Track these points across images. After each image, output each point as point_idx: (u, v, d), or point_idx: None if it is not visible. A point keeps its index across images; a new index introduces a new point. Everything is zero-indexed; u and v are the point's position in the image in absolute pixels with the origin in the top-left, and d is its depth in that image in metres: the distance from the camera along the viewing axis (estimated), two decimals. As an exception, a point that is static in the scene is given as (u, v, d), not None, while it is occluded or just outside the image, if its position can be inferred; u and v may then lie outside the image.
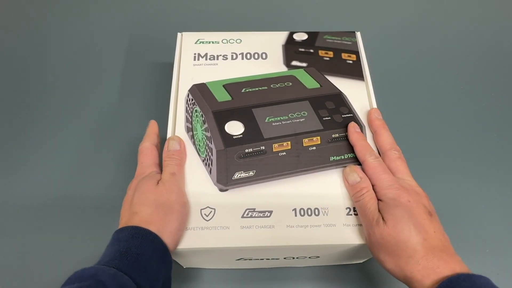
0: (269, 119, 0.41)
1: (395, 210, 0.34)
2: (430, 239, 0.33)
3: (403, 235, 0.33)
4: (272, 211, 0.39)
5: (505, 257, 0.50)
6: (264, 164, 0.39)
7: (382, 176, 0.37)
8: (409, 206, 0.35)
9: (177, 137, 0.42)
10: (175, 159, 0.40)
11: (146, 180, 0.37)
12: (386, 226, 0.34)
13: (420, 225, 0.34)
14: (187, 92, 0.44)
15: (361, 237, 0.38)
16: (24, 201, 0.52)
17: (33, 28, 0.69)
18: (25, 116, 0.60)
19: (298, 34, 0.51)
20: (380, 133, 0.41)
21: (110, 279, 0.29)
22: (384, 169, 0.38)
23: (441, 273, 0.32)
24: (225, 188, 0.39)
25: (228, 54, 0.49)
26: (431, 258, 0.32)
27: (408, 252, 0.33)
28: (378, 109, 0.44)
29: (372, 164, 0.38)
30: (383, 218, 0.35)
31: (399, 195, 0.35)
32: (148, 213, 0.35)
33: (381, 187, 0.37)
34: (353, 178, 0.39)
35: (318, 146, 0.41)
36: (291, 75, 0.46)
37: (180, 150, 0.41)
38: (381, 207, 0.36)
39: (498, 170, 0.57)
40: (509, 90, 0.65)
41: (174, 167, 0.39)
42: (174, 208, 0.36)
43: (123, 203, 0.38)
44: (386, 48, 0.69)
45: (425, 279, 0.32)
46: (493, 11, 0.74)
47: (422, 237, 0.33)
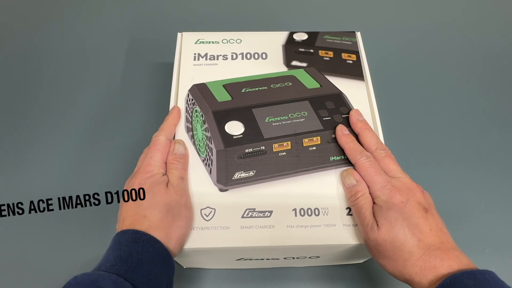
0: (269, 119, 0.41)
1: (388, 214, 0.34)
2: (426, 238, 0.33)
3: (398, 240, 0.33)
4: (272, 211, 0.39)
5: (505, 257, 0.50)
6: (264, 164, 0.39)
7: (374, 178, 0.37)
8: (402, 207, 0.34)
9: (181, 140, 0.42)
10: (182, 163, 0.40)
11: (156, 184, 0.36)
12: (380, 231, 0.34)
13: (414, 226, 0.34)
14: (187, 92, 0.44)
15: (361, 237, 0.38)
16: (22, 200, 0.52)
17: (33, 28, 0.69)
18: (24, 116, 0.60)
19: (298, 34, 0.51)
20: (363, 135, 0.41)
21: (111, 286, 0.29)
22: (376, 169, 0.38)
23: (438, 272, 0.32)
24: (225, 188, 0.39)
25: (228, 54, 0.49)
26: (427, 259, 0.32)
27: (404, 255, 0.33)
28: (358, 110, 0.43)
29: (364, 165, 0.38)
30: (377, 223, 0.35)
31: (392, 197, 0.35)
32: (158, 218, 0.34)
33: (374, 188, 0.37)
34: (349, 182, 0.38)
35: (318, 146, 0.41)
36: (291, 75, 0.46)
37: (185, 154, 0.41)
38: (375, 211, 0.36)
39: (498, 170, 0.57)
40: (509, 90, 0.65)
41: (182, 172, 0.39)
42: (182, 213, 0.36)
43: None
44: (386, 48, 0.69)
45: (423, 280, 0.32)
46: (493, 11, 0.74)
47: (417, 238, 0.33)
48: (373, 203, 0.36)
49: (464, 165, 0.57)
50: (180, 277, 0.47)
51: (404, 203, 0.35)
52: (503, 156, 0.58)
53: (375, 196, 0.36)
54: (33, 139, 0.58)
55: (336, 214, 0.39)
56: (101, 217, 0.50)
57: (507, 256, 0.50)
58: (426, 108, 0.62)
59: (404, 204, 0.34)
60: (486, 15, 0.74)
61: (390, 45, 0.69)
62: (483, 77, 0.66)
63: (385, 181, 0.36)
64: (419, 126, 0.60)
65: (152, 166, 0.38)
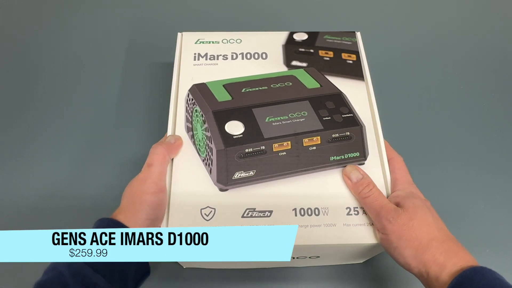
0: (269, 119, 0.41)
1: (414, 200, 0.36)
2: (446, 230, 0.35)
3: (426, 220, 0.35)
4: (272, 211, 0.39)
5: (505, 257, 0.50)
6: (264, 164, 0.39)
7: (407, 174, 0.40)
8: (425, 201, 0.37)
9: (177, 135, 0.42)
10: (159, 152, 0.39)
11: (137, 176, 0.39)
12: (407, 212, 0.35)
13: (436, 217, 0.36)
14: (187, 92, 0.44)
15: (361, 237, 0.38)
16: (21, 200, 0.52)
17: (32, 27, 0.69)
18: (24, 116, 0.60)
19: (298, 34, 0.51)
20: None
21: (65, 268, 0.31)
22: (407, 170, 0.41)
23: (463, 257, 0.33)
24: (225, 188, 0.39)
25: (228, 54, 0.49)
26: (451, 244, 0.34)
27: (430, 235, 0.34)
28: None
29: (401, 161, 0.41)
30: (401, 207, 0.36)
31: (417, 193, 0.38)
32: (123, 203, 0.37)
33: (404, 182, 0.39)
34: (356, 175, 0.39)
35: (318, 146, 0.41)
36: (291, 75, 0.46)
37: (171, 145, 0.41)
38: (398, 197, 0.37)
39: (499, 170, 0.57)
40: (509, 90, 0.65)
41: (152, 158, 0.39)
42: (143, 198, 0.37)
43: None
44: (386, 48, 0.69)
45: (448, 262, 0.33)
46: (493, 10, 0.74)
47: (440, 225, 0.35)
48: (394, 192, 0.39)
49: (464, 165, 0.57)
50: (180, 277, 0.47)
51: (424, 200, 0.38)
52: (503, 155, 0.58)
53: (401, 187, 0.39)
54: (33, 139, 0.58)
55: (336, 214, 0.39)
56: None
57: (507, 256, 0.50)
58: (426, 108, 0.62)
59: (427, 202, 0.37)
60: (486, 15, 0.74)
61: (390, 45, 0.69)
62: (483, 77, 0.66)
63: (412, 182, 0.40)
64: (419, 126, 0.60)
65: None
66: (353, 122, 0.42)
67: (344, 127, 0.41)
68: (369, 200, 0.37)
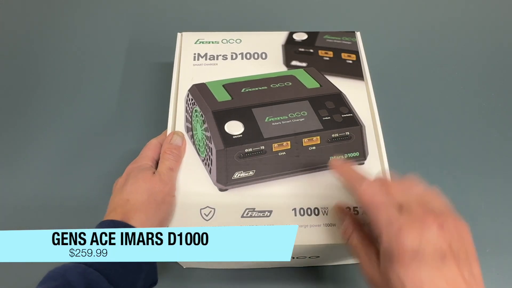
0: (269, 119, 0.41)
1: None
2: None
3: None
4: (272, 211, 0.39)
5: (505, 257, 0.50)
6: (264, 164, 0.39)
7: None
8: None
9: (181, 132, 0.43)
10: (175, 155, 0.40)
11: (142, 170, 0.38)
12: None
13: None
14: (187, 92, 0.44)
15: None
16: (21, 200, 0.52)
17: (32, 27, 0.69)
18: (23, 116, 0.60)
19: (298, 34, 0.51)
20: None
21: (78, 278, 0.30)
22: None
23: None
24: (225, 188, 0.39)
25: (228, 54, 0.49)
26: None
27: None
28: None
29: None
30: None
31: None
32: (140, 201, 0.35)
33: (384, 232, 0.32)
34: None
35: (318, 146, 0.41)
36: (291, 75, 0.46)
37: (181, 147, 0.41)
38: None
39: (499, 170, 0.57)
40: (509, 90, 0.65)
41: (173, 163, 0.40)
42: (165, 199, 0.37)
43: (113, 189, 0.39)
44: (386, 48, 0.69)
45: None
46: (493, 11, 0.74)
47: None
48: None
49: (464, 165, 0.57)
50: (180, 277, 0.47)
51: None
52: (503, 156, 0.58)
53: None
54: (33, 138, 0.58)
55: (336, 214, 0.39)
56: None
57: (507, 256, 0.50)
58: (426, 108, 0.62)
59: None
60: (486, 15, 0.74)
61: (390, 45, 0.69)
62: (483, 77, 0.66)
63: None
64: (419, 126, 0.60)
65: (140, 159, 0.40)
66: (352, 122, 0.42)
67: (344, 127, 0.42)
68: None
